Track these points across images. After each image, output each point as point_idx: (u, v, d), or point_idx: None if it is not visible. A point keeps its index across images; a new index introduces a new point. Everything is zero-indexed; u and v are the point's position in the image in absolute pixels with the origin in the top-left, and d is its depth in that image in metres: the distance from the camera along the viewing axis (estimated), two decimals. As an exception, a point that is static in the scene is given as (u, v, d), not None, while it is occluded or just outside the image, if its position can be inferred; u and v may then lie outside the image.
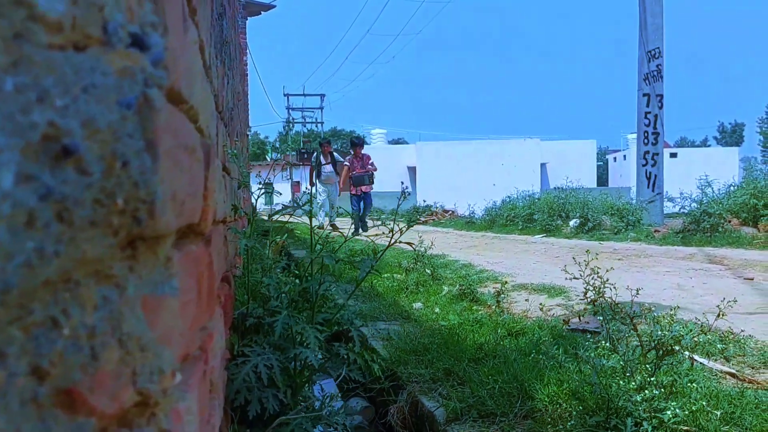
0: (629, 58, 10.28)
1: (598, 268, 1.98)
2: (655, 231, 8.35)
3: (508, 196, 13.93)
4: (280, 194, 2.60)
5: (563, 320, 2.75)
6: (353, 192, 12.09)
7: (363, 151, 12.70)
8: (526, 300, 3.50)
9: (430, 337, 2.59)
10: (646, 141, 10.04)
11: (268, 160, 51.99)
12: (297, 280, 1.67)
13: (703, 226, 7.26)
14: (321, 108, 41.31)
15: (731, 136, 67.82)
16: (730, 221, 7.43)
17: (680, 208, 9.01)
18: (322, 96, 41.29)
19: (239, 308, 1.69)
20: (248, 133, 14.38)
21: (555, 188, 41.05)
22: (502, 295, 3.40)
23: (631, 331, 1.88)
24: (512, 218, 12.12)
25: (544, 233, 10.34)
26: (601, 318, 2.18)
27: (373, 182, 12.24)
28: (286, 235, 11.78)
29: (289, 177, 46.55)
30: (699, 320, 2.44)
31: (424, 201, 22.86)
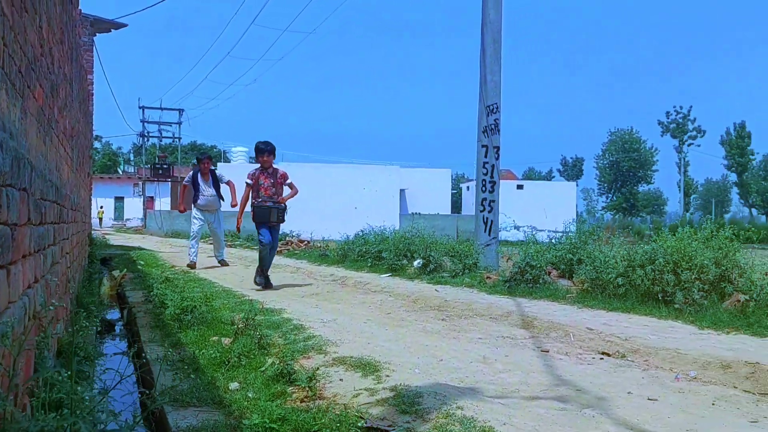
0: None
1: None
2: (487, 277, 8.93)
3: (362, 230, 14.25)
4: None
5: (360, 416, 2.89)
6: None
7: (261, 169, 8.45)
8: (340, 380, 3.63)
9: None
10: (483, 189, 10.74)
11: (120, 173, 49.25)
12: None
13: (526, 277, 7.88)
14: (179, 123, 39.95)
15: (572, 169, 74.22)
16: (550, 273, 8.13)
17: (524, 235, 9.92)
18: (181, 111, 40.00)
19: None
20: (92, 151, 13.55)
21: (413, 213, 42.56)
22: (318, 378, 3.51)
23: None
24: (363, 254, 12.41)
25: (391, 272, 10.70)
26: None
27: (283, 219, 8.45)
28: (125, 270, 11.10)
29: (141, 192, 44.35)
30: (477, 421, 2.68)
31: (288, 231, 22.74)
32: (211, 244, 13.26)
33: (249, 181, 8.49)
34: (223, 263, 11.97)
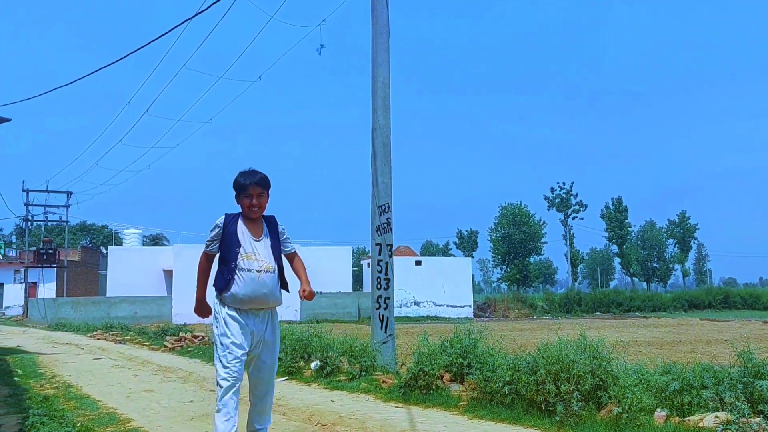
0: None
1: None
2: (383, 382, 8.98)
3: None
4: None
5: None
6: None
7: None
8: None
9: None
10: (378, 286, 10.92)
11: (0, 257, 45.89)
12: None
13: (420, 383, 8.02)
14: (67, 206, 38.08)
15: (468, 242, 76.86)
16: (442, 377, 8.30)
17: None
18: (69, 193, 38.19)
19: None
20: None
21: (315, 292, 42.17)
22: None
23: None
24: (259, 353, 12.17)
25: (288, 375, 10.54)
26: None
27: None
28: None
29: (22, 279, 41.37)
30: None
31: (181, 320, 21.77)
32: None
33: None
34: None
